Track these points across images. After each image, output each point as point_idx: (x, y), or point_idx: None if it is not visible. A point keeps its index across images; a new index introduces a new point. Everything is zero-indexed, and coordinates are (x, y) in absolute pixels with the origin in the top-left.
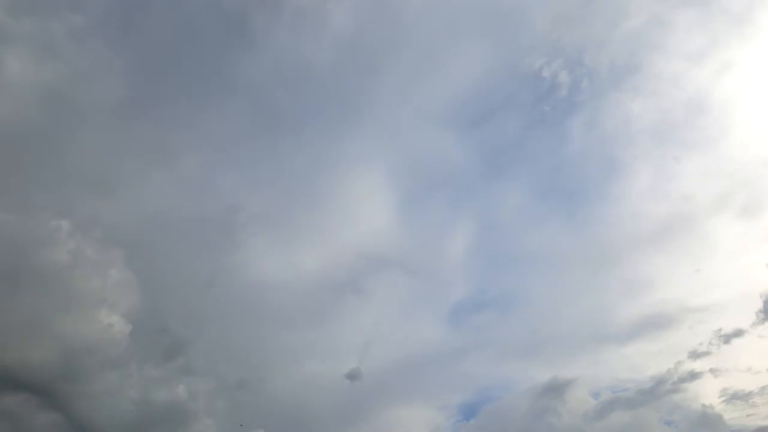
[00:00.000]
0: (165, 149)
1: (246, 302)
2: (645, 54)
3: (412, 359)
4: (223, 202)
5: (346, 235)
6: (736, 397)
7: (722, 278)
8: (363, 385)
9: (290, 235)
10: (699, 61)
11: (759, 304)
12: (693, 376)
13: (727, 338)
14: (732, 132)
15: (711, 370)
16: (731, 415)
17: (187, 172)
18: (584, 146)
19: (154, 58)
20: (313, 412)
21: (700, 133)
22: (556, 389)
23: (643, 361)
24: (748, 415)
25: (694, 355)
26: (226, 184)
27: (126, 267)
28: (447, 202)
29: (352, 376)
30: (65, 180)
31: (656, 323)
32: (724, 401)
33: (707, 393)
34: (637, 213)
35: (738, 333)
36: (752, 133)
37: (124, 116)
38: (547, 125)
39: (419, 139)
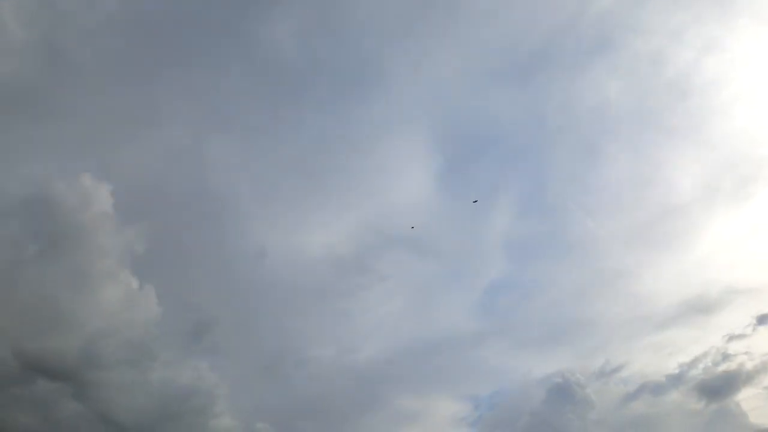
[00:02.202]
0: (162, 112)
1: (261, 283)
2: (620, 33)
3: (438, 346)
4: (237, 171)
5: (376, 211)
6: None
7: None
8: (385, 373)
9: (308, 213)
10: (680, 42)
11: None
12: (726, 357)
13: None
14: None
15: (745, 353)
16: (752, 405)
17: (184, 138)
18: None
19: (166, 13)
20: (332, 400)
21: None
22: (587, 376)
23: (667, 349)
24: None
25: (729, 339)
26: (239, 152)
27: (139, 242)
28: (492, 169)
29: (374, 362)
30: (63, 140)
31: (683, 312)
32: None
33: (731, 384)
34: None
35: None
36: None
37: (123, 74)
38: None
39: (467, 98)
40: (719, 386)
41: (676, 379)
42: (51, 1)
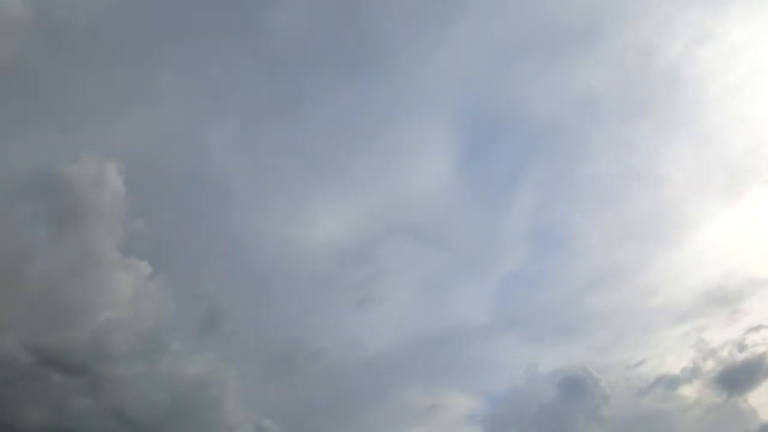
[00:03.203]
0: (163, 93)
1: (270, 274)
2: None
3: (452, 339)
4: (244, 157)
5: (389, 200)
6: None
7: None
8: (396, 367)
9: (318, 202)
10: (670, 31)
11: None
12: (742, 349)
13: None
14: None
15: (764, 344)
16: (763, 401)
17: (191, 122)
18: None
19: None
20: (340, 395)
21: None
22: (601, 369)
23: (683, 341)
24: None
25: (747, 330)
26: (245, 136)
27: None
28: (514, 154)
29: (386, 356)
30: (63, 119)
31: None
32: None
33: (750, 378)
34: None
35: None
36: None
37: (123, 51)
38: None
39: (488, 78)
40: (736, 380)
41: (691, 373)
42: None
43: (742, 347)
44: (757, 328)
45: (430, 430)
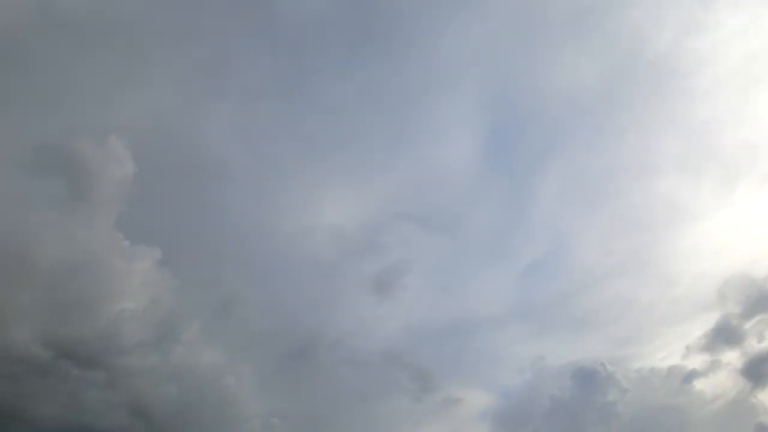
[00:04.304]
0: (160, 73)
1: (279, 264)
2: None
3: (469, 333)
4: (253, 139)
5: (405, 188)
6: None
7: None
8: (406, 362)
9: (329, 190)
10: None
11: None
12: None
13: None
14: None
15: None
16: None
17: (193, 104)
18: None
19: None
20: (348, 392)
21: None
22: (617, 362)
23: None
24: None
25: None
26: (250, 119)
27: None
28: (540, 140)
29: (397, 351)
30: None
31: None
32: None
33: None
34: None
35: None
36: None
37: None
38: None
39: (526, 59)
40: (757, 373)
41: (709, 366)
42: None
43: (761, 338)
44: None
45: (442, 427)
